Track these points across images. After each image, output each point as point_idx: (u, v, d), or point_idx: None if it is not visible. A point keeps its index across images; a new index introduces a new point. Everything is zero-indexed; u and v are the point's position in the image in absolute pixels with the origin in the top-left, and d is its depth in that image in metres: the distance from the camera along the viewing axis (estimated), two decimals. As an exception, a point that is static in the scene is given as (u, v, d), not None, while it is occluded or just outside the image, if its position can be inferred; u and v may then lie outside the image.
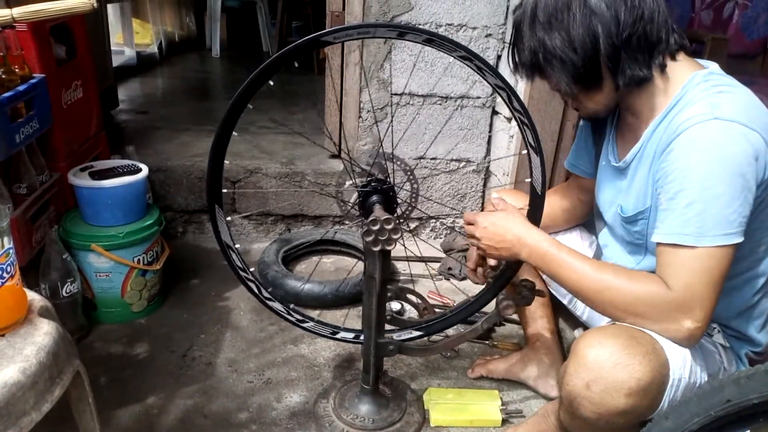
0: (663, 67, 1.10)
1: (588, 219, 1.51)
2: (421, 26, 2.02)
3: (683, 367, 1.05)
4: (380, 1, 2.00)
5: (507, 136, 2.09)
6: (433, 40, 1.09)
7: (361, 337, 1.37)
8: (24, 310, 0.92)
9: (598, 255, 1.40)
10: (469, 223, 1.28)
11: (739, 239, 1.00)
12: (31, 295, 0.97)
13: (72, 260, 1.59)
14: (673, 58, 1.11)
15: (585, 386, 1.02)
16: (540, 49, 1.10)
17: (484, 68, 1.11)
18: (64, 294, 1.55)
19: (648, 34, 1.06)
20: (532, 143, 1.15)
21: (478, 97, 2.15)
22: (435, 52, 2.05)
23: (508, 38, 1.69)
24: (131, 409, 1.40)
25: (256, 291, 1.34)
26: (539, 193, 1.23)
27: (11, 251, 0.88)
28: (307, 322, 1.41)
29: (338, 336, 1.43)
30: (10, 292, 0.88)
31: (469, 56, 1.09)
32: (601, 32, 1.05)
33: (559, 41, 1.07)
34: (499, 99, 2.15)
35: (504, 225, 1.21)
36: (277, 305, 1.37)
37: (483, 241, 1.23)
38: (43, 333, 0.90)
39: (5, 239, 0.87)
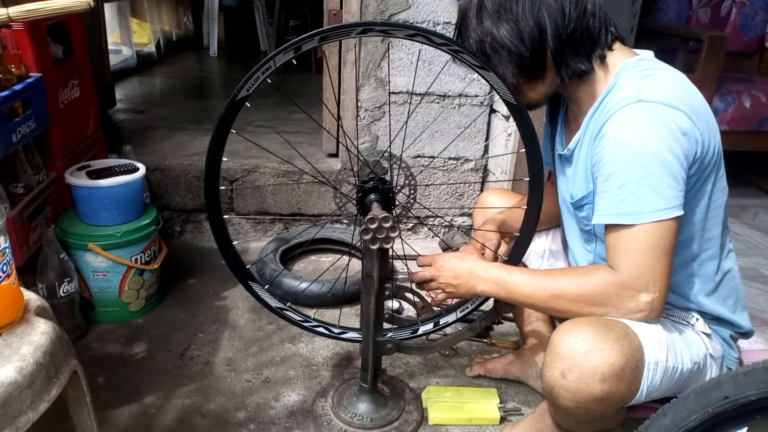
0: (602, 59, 1.13)
1: None
2: (418, 24, 2.02)
3: (659, 351, 1.06)
4: (377, 0, 2.00)
5: (505, 134, 2.09)
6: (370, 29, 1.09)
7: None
8: (21, 309, 0.92)
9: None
10: (425, 265, 1.30)
11: (678, 212, 1.02)
12: (28, 295, 0.97)
13: (69, 260, 1.58)
14: (610, 49, 1.14)
15: (560, 375, 1.04)
16: (487, 38, 1.12)
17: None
18: (62, 293, 1.55)
19: (591, 28, 1.10)
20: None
21: (476, 96, 2.15)
22: (433, 51, 2.05)
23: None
24: (129, 408, 1.39)
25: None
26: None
27: (8, 251, 0.88)
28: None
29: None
30: (7, 291, 0.88)
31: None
32: (548, 24, 1.08)
33: (506, 31, 1.09)
34: (497, 97, 2.14)
35: (457, 262, 1.24)
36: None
37: (440, 279, 1.25)
38: (39, 332, 0.90)
39: (2, 239, 0.86)
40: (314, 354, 1.63)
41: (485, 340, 1.71)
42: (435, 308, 1.69)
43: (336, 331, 1.44)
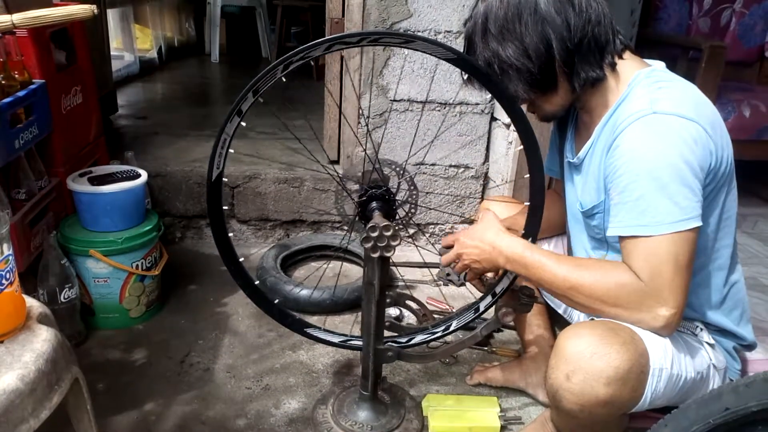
0: (613, 66, 1.14)
1: None
2: (420, 33, 2.03)
3: (664, 358, 1.06)
4: (379, 9, 2.01)
5: (506, 142, 2.10)
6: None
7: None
8: (23, 316, 0.92)
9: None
10: (449, 246, 1.29)
11: (697, 223, 1.03)
12: (30, 302, 0.97)
13: (70, 266, 1.58)
14: (621, 57, 1.15)
15: (565, 378, 1.04)
16: (495, 60, 1.13)
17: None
18: (62, 300, 1.55)
19: (597, 36, 1.11)
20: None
21: (477, 104, 2.16)
22: (433, 59, 2.05)
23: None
24: (129, 415, 1.39)
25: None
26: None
27: (11, 258, 0.88)
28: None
29: None
30: (10, 299, 0.88)
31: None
32: (554, 38, 1.09)
33: (512, 50, 1.11)
34: (497, 105, 2.15)
35: (479, 236, 1.22)
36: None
37: (464, 257, 1.25)
38: (41, 340, 0.90)
39: (5, 246, 0.87)
40: (314, 361, 1.63)
41: (486, 348, 1.71)
42: (436, 316, 1.69)
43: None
